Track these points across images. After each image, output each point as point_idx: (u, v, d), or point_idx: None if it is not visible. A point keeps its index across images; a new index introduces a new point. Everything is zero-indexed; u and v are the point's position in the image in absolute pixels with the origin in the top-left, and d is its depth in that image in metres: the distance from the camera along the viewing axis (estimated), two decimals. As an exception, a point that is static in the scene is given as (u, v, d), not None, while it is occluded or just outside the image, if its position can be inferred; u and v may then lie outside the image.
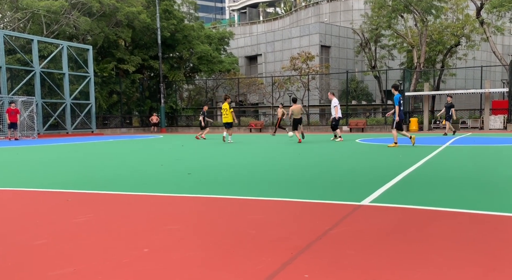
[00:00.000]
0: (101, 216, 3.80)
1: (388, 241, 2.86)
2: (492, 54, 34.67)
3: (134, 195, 4.87)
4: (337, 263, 2.42)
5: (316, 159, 8.95)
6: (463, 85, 43.73)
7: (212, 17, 74.85)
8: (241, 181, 5.81)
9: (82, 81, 27.57)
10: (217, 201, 4.44)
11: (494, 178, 5.74)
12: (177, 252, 2.71)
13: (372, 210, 3.83)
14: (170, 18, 32.46)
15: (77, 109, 27.11)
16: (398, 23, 34.61)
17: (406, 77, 29.49)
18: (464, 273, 2.25)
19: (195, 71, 37.95)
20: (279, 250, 2.68)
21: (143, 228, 3.34)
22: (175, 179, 6.09)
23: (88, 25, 27.82)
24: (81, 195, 4.93)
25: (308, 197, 4.45)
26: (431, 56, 34.70)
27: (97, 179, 6.32)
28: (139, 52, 32.52)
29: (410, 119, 27.28)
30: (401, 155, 9.35)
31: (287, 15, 58.46)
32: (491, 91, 25.85)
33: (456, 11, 34.12)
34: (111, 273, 2.34)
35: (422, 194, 4.56)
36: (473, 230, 3.11)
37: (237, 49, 49.42)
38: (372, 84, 43.88)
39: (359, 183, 5.38)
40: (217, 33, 38.62)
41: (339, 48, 47.06)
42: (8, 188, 5.59)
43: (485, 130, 25.19)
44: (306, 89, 33.44)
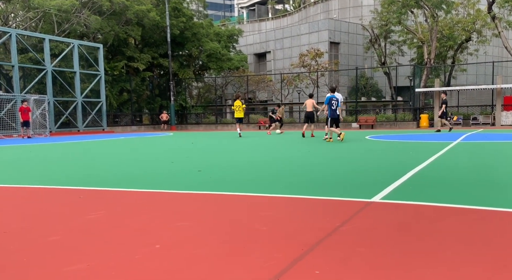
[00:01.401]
0: (112, 213, 3.82)
1: (399, 238, 2.84)
2: (504, 49, 34.17)
3: (145, 192, 4.89)
4: (348, 260, 2.42)
5: (325, 156, 8.92)
6: (474, 81, 43.21)
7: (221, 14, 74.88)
8: (251, 178, 5.81)
9: (93, 79, 27.81)
10: (228, 198, 4.44)
11: (504, 174, 5.67)
12: (188, 248, 2.72)
13: (382, 206, 3.81)
14: (179, 16, 32.55)
15: (88, 107, 27.36)
16: (408, 19, 34.30)
17: (416, 73, 29.23)
18: (475, 270, 2.24)
19: (204, 69, 38.04)
20: (290, 246, 2.68)
21: (154, 225, 3.35)
22: (185, 176, 6.11)
23: (98, 24, 28.03)
24: (93, 192, 4.97)
25: (318, 194, 4.43)
26: (442, 52, 34.34)
27: (108, 176, 6.37)
28: (148, 50, 32.69)
29: (421, 116, 27.06)
30: (412, 151, 9.29)
31: (296, 12, 58.24)
32: (502, 87, 25.51)
33: (467, 6, 33.68)
34: (123, 269, 2.36)
35: (432, 190, 4.53)
36: (484, 227, 3.09)
37: (246, 47, 49.40)
38: (382, 81, 43.58)
39: (369, 180, 5.35)
40: (226, 31, 38.64)
41: (349, 45, 46.78)
42: (21, 185, 5.65)
43: (497, 126, 24.88)
44: (315, 86, 33.33)
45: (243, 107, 17.59)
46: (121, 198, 4.58)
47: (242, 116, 17.79)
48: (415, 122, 27.02)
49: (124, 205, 4.19)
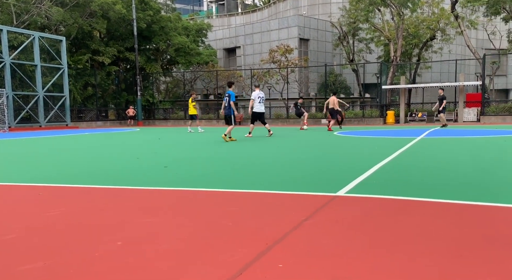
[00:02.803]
0: (74, 210, 3.71)
1: (362, 231, 2.90)
2: (467, 48, 35.44)
3: (109, 188, 4.78)
4: (312, 253, 2.46)
5: (293, 151, 9.00)
6: (439, 78, 44.60)
7: (189, 8, 73.90)
8: (217, 173, 5.77)
9: (55, 73, 26.85)
10: (193, 193, 4.40)
11: (465, 168, 5.86)
12: (151, 244, 2.68)
13: (347, 200, 3.88)
14: (146, 9, 31.86)
15: (50, 101, 26.42)
16: (375, 17, 34.92)
17: (383, 71, 29.85)
18: (432, 260, 2.31)
19: (172, 63, 37.44)
20: (254, 241, 2.69)
21: (117, 222, 3.29)
22: (151, 172, 6.02)
23: (60, 16, 27.04)
24: (54, 189, 4.82)
25: (284, 189, 4.44)
26: (407, 49, 35.20)
27: (70, 172, 6.18)
28: (114, 44, 31.83)
29: (387, 112, 27.66)
30: (377, 147, 9.47)
31: (265, 7, 58.24)
32: (465, 84, 26.43)
33: (431, 5, 34.63)
34: (82, 267, 2.30)
35: (395, 184, 4.63)
36: (443, 219, 3.18)
37: (215, 41, 48.99)
38: (350, 78, 44.27)
39: (335, 175, 5.42)
40: (194, 25, 38.13)
41: (318, 41, 47.22)
42: (-24, 182, 5.39)
43: (459, 123, 25.78)
44: (285, 82, 33.47)
45: (193, 104, 19.26)
46: (83, 195, 4.45)
47: (193, 113, 19.26)
48: (382, 118, 27.61)
49: (86, 202, 4.08)
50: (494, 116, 25.06)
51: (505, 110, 25.70)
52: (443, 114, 19.93)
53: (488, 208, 3.53)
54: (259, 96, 14.10)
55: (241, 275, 2.14)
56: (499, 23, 37.87)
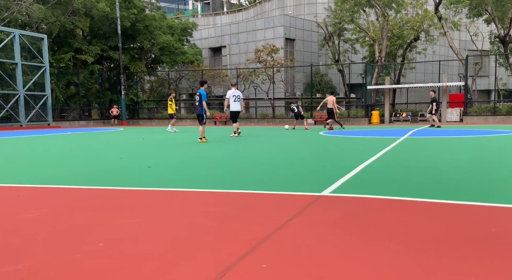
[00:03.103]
0: (55, 211, 3.65)
1: (346, 230, 2.92)
2: (450, 49, 35.89)
3: (91, 189, 4.71)
4: (296, 253, 2.46)
5: (278, 151, 8.98)
6: (423, 79, 45.14)
7: (174, 7, 73.37)
8: (201, 174, 5.73)
9: (36, 71, 26.30)
10: (177, 194, 4.36)
11: (447, 168, 5.91)
12: (133, 246, 2.64)
13: (332, 200, 3.89)
14: (130, 7, 31.44)
15: (31, 101, 25.87)
16: (360, 17, 35.13)
17: (368, 71, 30.04)
18: (415, 258, 2.34)
19: (157, 62, 37.05)
20: (239, 241, 2.69)
21: (99, 222, 3.24)
22: (134, 172, 5.95)
23: (42, 13, 26.49)
24: (35, 190, 4.73)
25: (269, 189, 4.43)
26: (392, 50, 35.50)
27: (51, 173, 6.07)
28: (97, 42, 31.33)
29: (372, 112, 27.83)
30: (362, 146, 9.50)
31: (251, 7, 58.16)
32: (448, 85, 26.75)
33: (416, 6, 34.99)
34: (63, 269, 2.27)
35: (380, 184, 4.66)
36: (426, 218, 3.22)
37: (200, 41, 48.72)
38: (336, 78, 44.49)
39: (320, 175, 5.41)
40: (179, 24, 37.79)
41: (304, 41, 47.34)
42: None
43: (443, 123, 26.08)
44: (271, 82, 33.43)
45: (169, 104, 19.75)
46: (64, 196, 4.37)
47: (171, 112, 19.64)
48: (367, 118, 27.76)
49: (68, 202, 4.02)
50: (477, 116, 25.42)
51: (487, 110, 26.10)
52: (434, 115, 20.05)
53: (469, 207, 3.56)
54: (234, 94, 14.10)
55: (224, 276, 2.12)
56: (481, 25, 38.51)
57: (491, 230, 2.86)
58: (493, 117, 24.91)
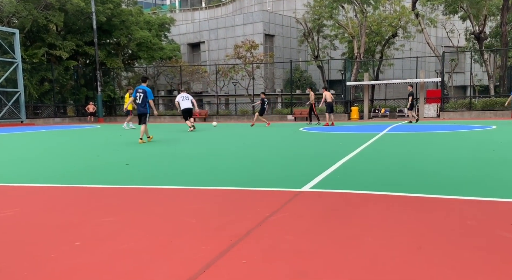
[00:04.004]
0: (29, 210, 3.54)
1: (326, 225, 2.94)
2: (427, 46, 36.39)
3: (66, 187, 4.56)
4: (276, 248, 2.45)
5: (258, 147, 8.94)
6: (401, 75, 45.71)
7: (151, 2, 72.21)
8: (180, 171, 5.64)
9: (8, 67, 25.44)
10: (155, 191, 4.29)
11: (424, 163, 5.94)
12: (111, 244, 2.59)
13: (312, 196, 3.89)
14: (106, 2, 30.68)
15: (3, 97, 25.04)
16: (339, 14, 35.27)
17: (347, 67, 30.17)
18: (394, 252, 2.37)
19: (134, 58, 36.38)
20: (218, 238, 2.68)
21: (75, 221, 3.16)
22: (112, 170, 5.84)
23: (13, 7, 25.62)
24: (7, 189, 4.58)
25: (249, 186, 4.42)
26: (371, 46, 35.78)
27: (26, 171, 5.88)
28: (72, 38, 30.51)
29: (351, 108, 27.98)
30: (342, 142, 9.47)
31: (230, 2, 57.74)
32: (425, 81, 27.08)
33: (393, 3, 35.33)
34: (37, 268, 2.21)
35: (358, 179, 4.67)
36: (403, 212, 3.26)
37: (178, 36, 48.11)
38: (316, 74, 44.64)
39: (300, 171, 5.37)
40: (157, 19, 37.16)
41: (283, 37, 47.29)
42: None
43: (420, 118, 26.40)
44: (251, 78, 33.24)
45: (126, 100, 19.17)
46: (39, 195, 4.25)
47: (130, 108, 18.61)
48: (346, 114, 27.89)
49: (43, 201, 3.92)
50: (453, 111, 25.84)
51: (463, 106, 26.56)
52: (411, 110, 20.29)
53: (446, 200, 3.60)
54: (182, 96, 16.15)
55: (204, 273, 2.10)
56: (457, 22, 39.19)
57: (467, 222, 2.93)
58: (469, 113, 25.36)
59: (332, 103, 19.74)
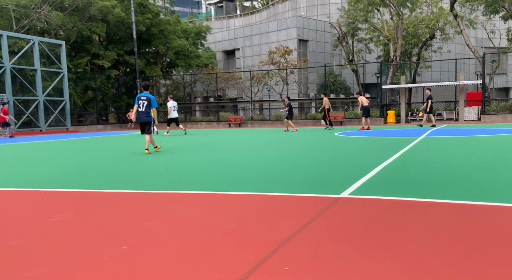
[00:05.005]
0: (78, 215, 3.69)
1: (366, 232, 2.88)
2: (466, 47, 35.41)
3: (112, 192, 4.75)
4: (317, 256, 2.43)
5: (294, 152, 8.96)
6: (439, 78, 44.58)
7: (188, 11, 73.93)
8: (220, 177, 5.74)
9: (55, 77, 26.85)
10: (196, 197, 4.38)
11: (467, 168, 5.84)
12: (156, 248, 2.66)
13: (350, 202, 3.84)
14: (145, 12, 31.87)
15: (50, 106, 26.41)
16: (374, 17, 34.92)
17: (383, 71, 29.84)
18: (440, 261, 2.28)
19: (172, 66, 37.44)
20: (259, 243, 2.67)
21: (122, 226, 3.27)
22: (153, 175, 5.99)
23: (60, 20, 27.06)
24: (58, 194, 4.79)
25: (287, 191, 4.41)
26: (407, 49, 35.19)
27: (73, 177, 6.15)
28: (114, 47, 31.84)
29: (388, 112, 27.63)
30: (379, 147, 9.44)
31: (264, 9, 58.29)
32: (465, 83, 26.41)
33: (430, 5, 34.64)
34: (88, 272, 2.29)
35: (399, 185, 4.60)
36: (449, 219, 3.15)
37: (214, 44, 49.01)
38: (350, 78, 44.27)
39: (338, 176, 5.37)
40: (193, 28, 38.14)
41: (317, 42, 47.24)
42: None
43: (460, 122, 25.76)
44: (284, 84, 33.47)
45: None
46: (87, 199, 4.42)
47: None
48: (382, 118, 27.58)
49: (91, 206, 4.06)
50: (495, 114, 25.02)
51: (505, 108, 25.66)
52: (429, 115, 20.09)
53: (492, 208, 3.50)
54: (173, 105, 18.32)
55: (248, 279, 2.12)
56: (498, 22, 37.88)
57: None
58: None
59: (369, 107, 19.68)
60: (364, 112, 19.21)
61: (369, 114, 19.59)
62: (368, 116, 19.41)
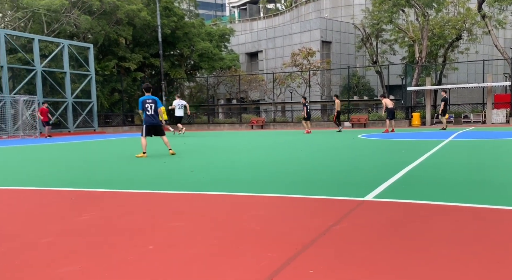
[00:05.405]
0: (105, 214, 3.79)
1: (392, 236, 2.85)
2: (494, 48, 34.50)
3: (138, 192, 4.86)
4: (341, 259, 2.42)
5: (317, 154, 8.94)
6: (465, 79, 43.59)
7: (212, 14, 74.65)
8: (243, 178, 5.79)
9: (83, 79, 27.59)
10: (220, 198, 4.43)
11: (495, 172, 5.71)
12: (181, 249, 2.70)
13: (375, 205, 3.82)
14: (171, 15, 32.40)
15: (78, 107, 27.13)
16: (399, 18, 34.47)
17: (408, 72, 29.39)
18: (469, 267, 2.24)
19: (196, 69, 37.91)
20: (283, 245, 2.67)
21: (148, 226, 3.34)
22: (178, 176, 6.08)
23: (88, 24, 27.80)
24: (86, 193, 4.92)
25: (311, 193, 4.41)
26: (433, 50, 34.55)
27: (101, 177, 6.31)
28: (140, 50, 32.50)
29: (413, 114, 27.21)
30: (404, 150, 9.33)
31: (287, 11, 58.30)
32: (493, 85, 25.74)
33: (457, 5, 33.94)
34: (116, 270, 2.35)
35: (424, 189, 4.54)
36: (475, 224, 3.10)
37: (237, 46, 49.34)
38: (374, 79, 43.79)
39: (362, 179, 5.35)
40: (217, 30, 38.54)
41: (340, 44, 46.94)
42: (12, 187, 5.59)
43: (488, 124, 25.11)
44: (307, 85, 33.39)
45: None
46: (114, 199, 4.54)
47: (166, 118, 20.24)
48: (407, 120, 27.17)
49: (117, 206, 4.16)
50: (525, 117, 24.30)
51: (536, 111, 24.90)
52: (443, 117, 19.87)
53: None
54: (178, 103, 18.43)
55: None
56: (528, 22, 36.74)
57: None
58: (544, 118, 23.75)
59: (393, 109, 19.48)
60: (389, 114, 19.04)
61: (393, 116, 19.38)
62: (392, 118, 19.20)
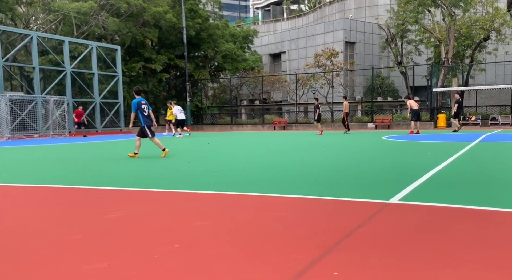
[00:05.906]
0: (133, 213, 3.89)
1: (417, 240, 2.83)
2: (525, 48, 33.49)
3: (164, 192, 4.96)
4: (366, 261, 2.41)
5: (341, 155, 8.91)
6: (493, 81, 42.38)
7: (236, 15, 75.08)
8: (267, 178, 5.83)
9: (110, 80, 28.24)
10: (244, 198, 4.50)
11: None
12: (206, 248, 2.75)
13: (401, 208, 3.79)
14: (195, 17, 32.82)
15: (106, 108, 27.76)
16: (425, 18, 33.86)
17: (434, 73, 28.87)
18: (496, 273, 2.21)
19: (219, 70, 38.26)
20: (307, 247, 2.68)
21: (174, 224, 3.41)
22: (202, 176, 6.17)
23: (116, 26, 28.46)
24: (113, 192, 5.06)
25: (335, 195, 4.41)
26: (459, 51, 33.79)
27: (127, 176, 6.46)
28: (165, 52, 33.04)
29: (438, 116, 26.71)
30: (430, 152, 9.20)
31: (311, 12, 58.07)
32: (523, 87, 25.01)
33: (485, 5, 33.08)
34: (143, 268, 2.41)
35: (451, 192, 4.49)
36: (502, 228, 3.06)
37: (261, 47, 49.44)
38: (398, 80, 43.10)
39: (387, 181, 5.32)
40: (241, 32, 38.79)
41: (364, 44, 46.42)
42: (42, 185, 5.79)
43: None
44: (330, 86, 33.20)
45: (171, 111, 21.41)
46: (141, 198, 4.65)
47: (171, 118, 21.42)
48: (432, 122, 26.70)
49: (144, 204, 4.26)
50: (557, 119, 23.52)
51: None
52: (454, 119, 19.48)
53: None
54: (177, 109, 20.09)
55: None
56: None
57: None
58: None
59: (419, 111, 19.19)
60: (414, 115, 18.75)
61: (418, 117, 19.05)
62: (417, 120, 18.89)
